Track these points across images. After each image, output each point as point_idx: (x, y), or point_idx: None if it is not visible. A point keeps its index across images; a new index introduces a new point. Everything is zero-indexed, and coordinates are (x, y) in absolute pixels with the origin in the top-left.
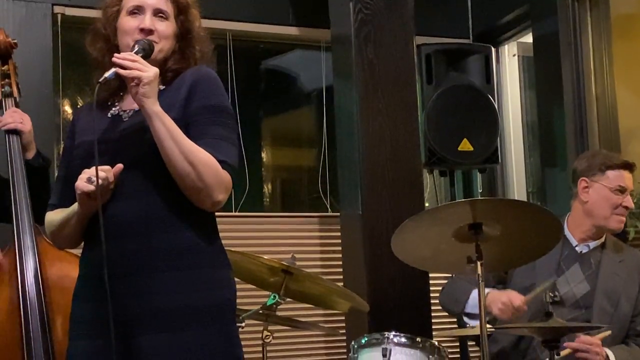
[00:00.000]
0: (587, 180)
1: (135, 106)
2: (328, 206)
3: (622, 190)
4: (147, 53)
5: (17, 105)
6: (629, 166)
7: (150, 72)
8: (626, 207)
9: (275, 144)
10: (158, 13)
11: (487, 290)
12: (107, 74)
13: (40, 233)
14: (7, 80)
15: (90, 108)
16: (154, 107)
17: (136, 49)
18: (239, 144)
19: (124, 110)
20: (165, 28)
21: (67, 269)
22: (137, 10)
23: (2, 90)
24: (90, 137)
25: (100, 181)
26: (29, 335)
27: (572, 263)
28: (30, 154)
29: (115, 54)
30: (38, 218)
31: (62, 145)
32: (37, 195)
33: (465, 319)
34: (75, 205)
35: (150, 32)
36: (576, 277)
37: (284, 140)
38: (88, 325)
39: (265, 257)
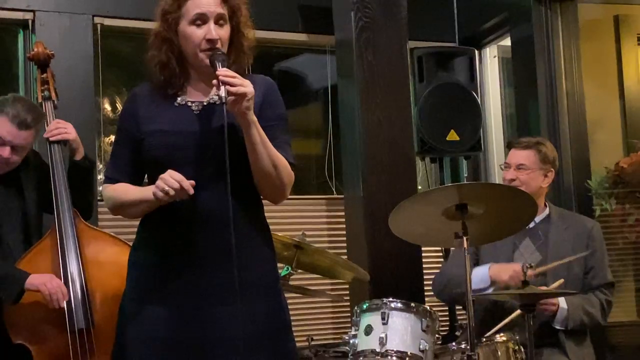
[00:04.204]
0: None
1: (202, 99)
2: (333, 189)
3: (506, 167)
4: (228, 64)
5: (55, 107)
6: (510, 144)
7: (251, 86)
8: (507, 180)
9: None
10: (219, 20)
11: (487, 265)
12: (222, 94)
13: (78, 216)
14: (46, 86)
15: (147, 92)
16: (253, 117)
17: (222, 64)
18: None
19: (192, 102)
20: (225, 33)
21: (102, 246)
22: (200, 20)
23: (42, 94)
24: (170, 127)
25: (181, 194)
26: (70, 303)
27: (523, 238)
28: (79, 156)
29: (220, 71)
30: (79, 209)
31: (102, 138)
32: (81, 193)
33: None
34: (146, 193)
35: (216, 41)
36: (528, 249)
37: (294, 132)
38: (163, 293)
39: (279, 234)
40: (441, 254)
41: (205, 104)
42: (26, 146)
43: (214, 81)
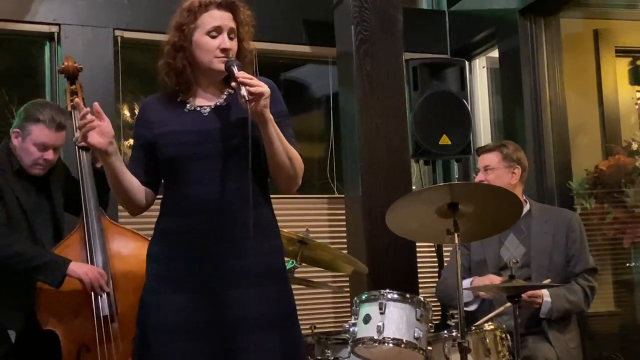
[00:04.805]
0: None
1: (212, 103)
2: (335, 189)
3: (476, 171)
4: (241, 69)
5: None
6: (478, 150)
7: (266, 86)
8: (478, 182)
9: None
10: (230, 33)
11: (471, 279)
12: (243, 93)
13: (104, 214)
14: (75, 96)
15: (157, 101)
16: (269, 115)
17: (238, 68)
18: None
19: (200, 106)
20: (234, 45)
21: (125, 241)
22: (216, 32)
23: (72, 104)
24: (182, 127)
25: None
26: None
27: (507, 234)
28: (99, 164)
29: (239, 74)
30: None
31: (122, 142)
32: (100, 194)
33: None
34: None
35: (229, 50)
36: (513, 243)
37: (299, 136)
38: (180, 282)
39: (285, 230)
40: (434, 249)
41: (213, 106)
42: (62, 144)
43: (233, 83)
